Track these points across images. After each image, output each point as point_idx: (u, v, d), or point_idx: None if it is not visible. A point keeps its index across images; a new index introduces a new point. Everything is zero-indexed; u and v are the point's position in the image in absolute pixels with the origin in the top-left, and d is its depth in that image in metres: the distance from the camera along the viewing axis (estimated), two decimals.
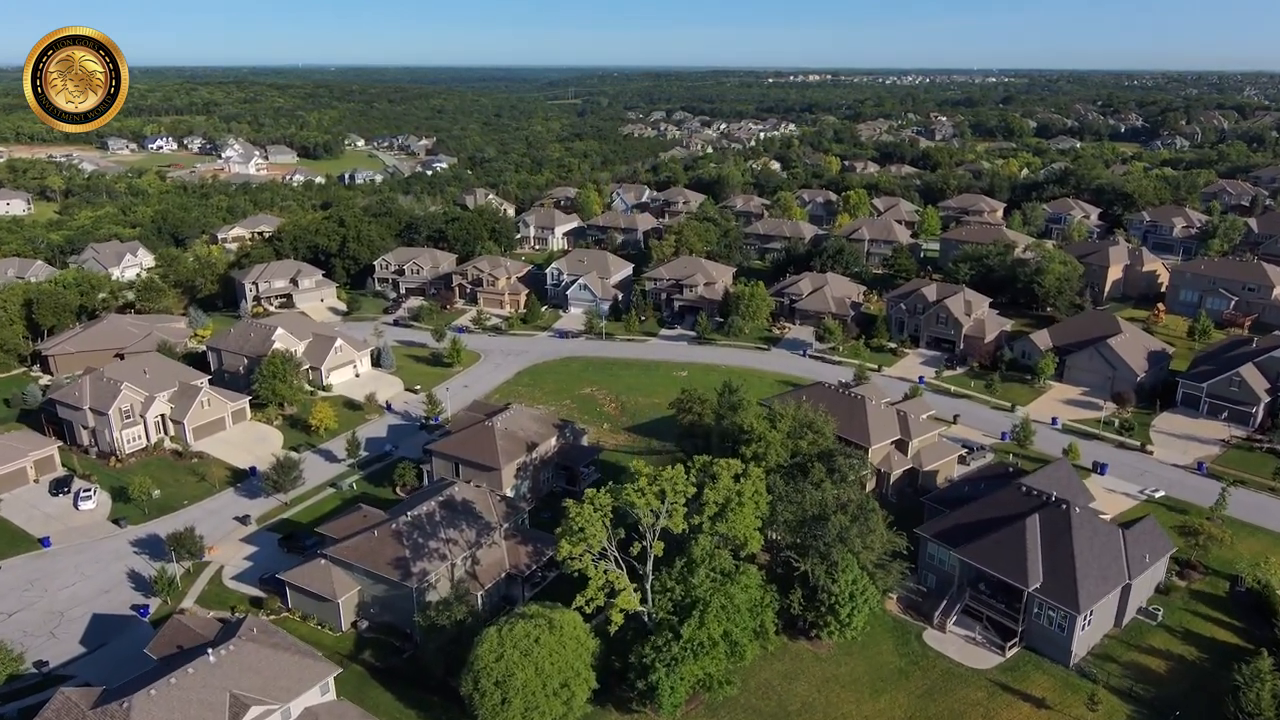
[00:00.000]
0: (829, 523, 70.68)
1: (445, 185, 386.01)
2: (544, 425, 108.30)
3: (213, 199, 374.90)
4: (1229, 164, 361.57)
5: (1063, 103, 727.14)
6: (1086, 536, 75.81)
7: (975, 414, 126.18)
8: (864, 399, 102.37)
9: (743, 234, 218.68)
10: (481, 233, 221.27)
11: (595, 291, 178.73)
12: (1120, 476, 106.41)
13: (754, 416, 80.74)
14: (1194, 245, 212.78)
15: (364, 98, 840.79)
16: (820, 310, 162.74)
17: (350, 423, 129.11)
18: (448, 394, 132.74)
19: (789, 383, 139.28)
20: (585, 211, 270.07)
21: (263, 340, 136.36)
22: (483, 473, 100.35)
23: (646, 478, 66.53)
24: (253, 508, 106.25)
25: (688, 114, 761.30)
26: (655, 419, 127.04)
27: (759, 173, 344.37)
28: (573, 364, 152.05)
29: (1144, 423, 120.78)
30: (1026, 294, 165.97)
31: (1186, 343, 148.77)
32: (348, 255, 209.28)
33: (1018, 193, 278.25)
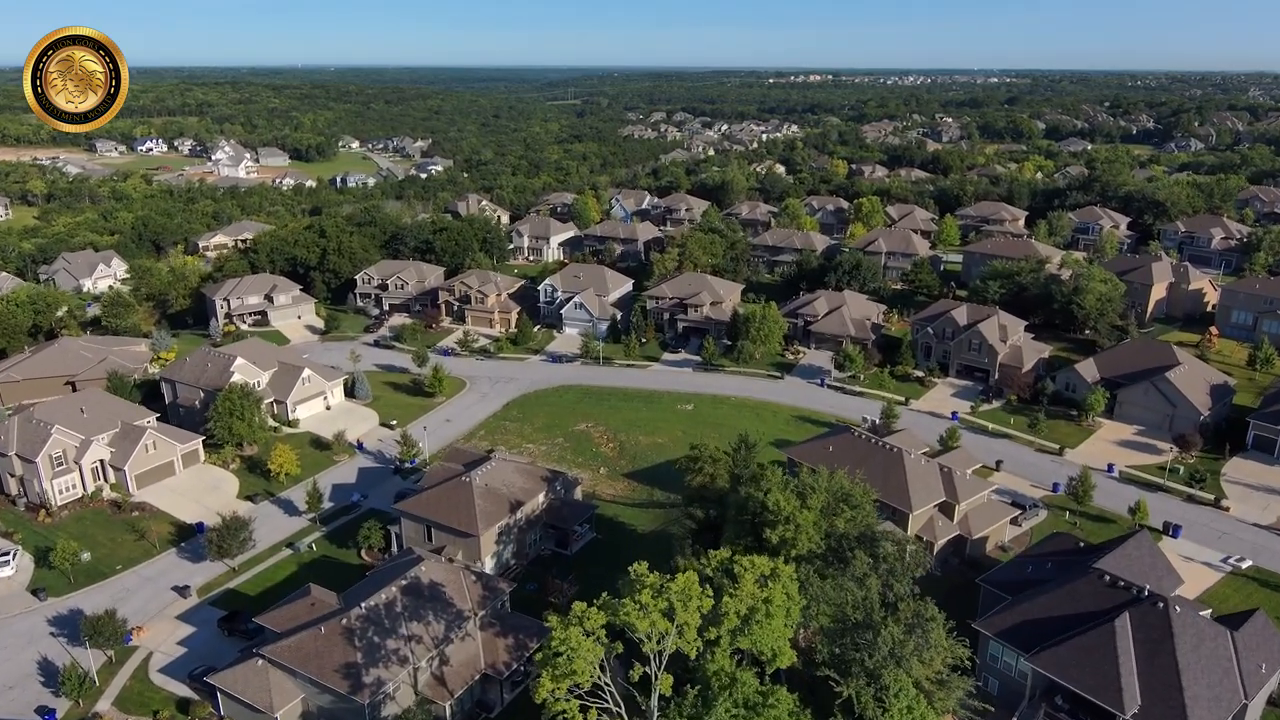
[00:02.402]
0: (878, 636, 56.54)
1: (439, 190, 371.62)
2: (530, 479, 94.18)
3: (198, 204, 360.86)
4: (1253, 168, 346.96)
5: (1070, 104, 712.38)
6: (1191, 643, 61.79)
7: (1019, 458, 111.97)
8: (901, 453, 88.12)
9: (750, 245, 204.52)
10: (472, 244, 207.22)
11: (592, 310, 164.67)
12: (1197, 540, 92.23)
13: (779, 491, 66.60)
14: (1234, 258, 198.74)
15: (361, 99, 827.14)
16: (838, 333, 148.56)
17: (316, 465, 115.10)
18: (425, 433, 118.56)
19: (806, 418, 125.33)
20: (583, 219, 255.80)
21: (220, 371, 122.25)
22: (459, 539, 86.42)
23: (650, 590, 52.32)
24: (196, 574, 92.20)
25: (689, 115, 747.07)
26: (658, 463, 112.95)
27: (764, 177, 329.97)
28: (566, 394, 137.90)
29: (1213, 470, 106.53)
30: (1063, 315, 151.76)
31: (1245, 372, 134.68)
32: (328, 268, 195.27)
33: (1038, 200, 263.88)
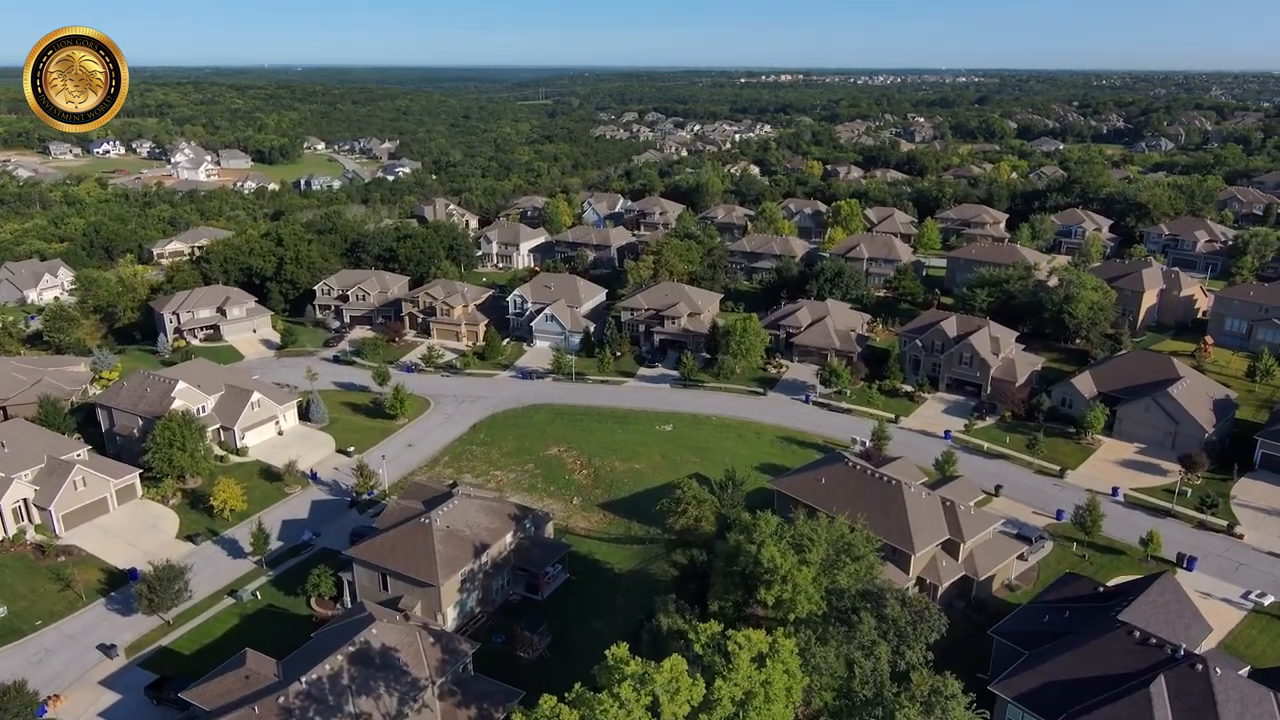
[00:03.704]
0: (892, 717, 49.37)
1: (406, 193, 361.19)
2: (497, 517, 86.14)
3: (155, 208, 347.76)
4: (1227, 168, 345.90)
5: (1040, 103, 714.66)
6: (1235, 711, 55.33)
7: (1018, 481, 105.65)
8: (900, 486, 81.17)
9: (727, 251, 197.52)
10: (437, 251, 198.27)
11: (564, 323, 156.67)
12: (1213, 572, 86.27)
13: (773, 544, 59.21)
14: (1219, 262, 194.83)
15: (327, 99, 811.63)
16: (822, 346, 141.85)
17: (265, 499, 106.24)
18: (384, 462, 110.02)
19: (792, 439, 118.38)
20: (554, 224, 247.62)
21: (161, 397, 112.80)
22: (417, 588, 78.32)
23: (632, 681, 44.69)
24: (125, 629, 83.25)
25: (660, 115, 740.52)
26: (636, 492, 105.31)
27: (739, 179, 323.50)
28: (537, 414, 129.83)
29: (1221, 492, 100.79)
30: (1053, 324, 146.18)
31: (1243, 384, 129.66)
32: (285, 279, 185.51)
33: (1018, 202, 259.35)
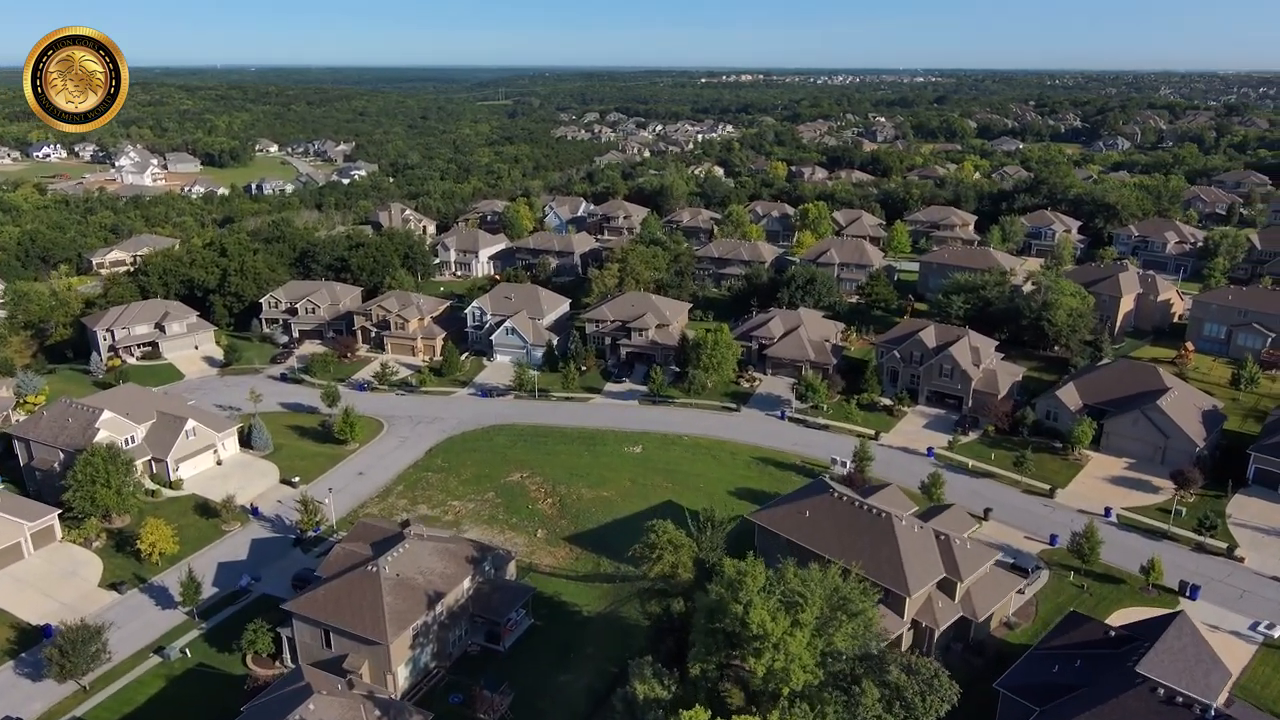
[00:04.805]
0: None
1: (361, 196, 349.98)
2: (453, 561, 78.61)
3: (96, 215, 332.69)
4: (1186, 167, 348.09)
5: (998, 103, 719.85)
6: None
7: (1007, 502, 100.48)
8: (891, 520, 75.10)
9: (695, 257, 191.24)
10: (392, 260, 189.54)
11: (525, 336, 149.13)
12: (1217, 601, 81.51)
13: (761, 604, 52.56)
14: (1190, 263, 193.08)
15: (281, 100, 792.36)
16: (796, 358, 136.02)
17: (201, 538, 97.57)
18: (331, 494, 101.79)
19: (769, 460, 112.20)
20: (515, 229, 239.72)
21: (84, 428, 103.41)
22: (364, 646, 70.65)
23: None
24: (36, 696, 74.44)
25: (622, 115, 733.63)
26: (605, 523, 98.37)
27: (704, 181, 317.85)
28: (498, 436, 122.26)
29: (1216, 510, 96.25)
30: (1031, 331, 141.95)
31: (1226, 391, 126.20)
32: (229, 291, 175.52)
33: (985, 203, 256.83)
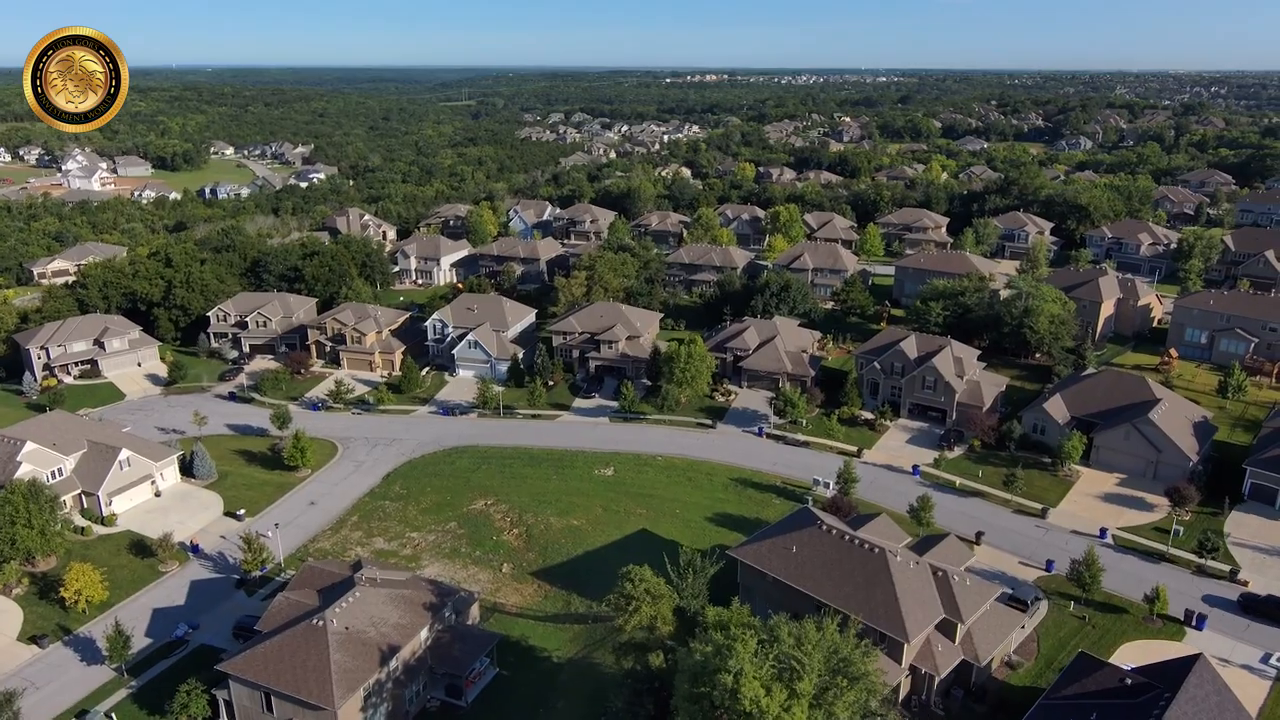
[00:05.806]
0: None
1: (320, 200, 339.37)
2: (408, 609, 71.69)
3: (40, 221, 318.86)
4: (1150, 166, 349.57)
5: (961, 103, 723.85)
6: None
7: (998, 524, 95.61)
8: (884, 555, 69.51)
9: (665, 264, 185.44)
10: (349, 270, 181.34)
11: (489, 350, 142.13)
12: (1224, 630, 77.10)
13: (754, 674, 46.72)
14: (1164, 265, 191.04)
15: (238, 101, 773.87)
16: (773, 370, 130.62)
17: (135, 581, 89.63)
18: (277, 530, 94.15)
19: (748, 482, 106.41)
20: (478, 235, 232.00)
21: (3, 462, 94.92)
22: (309, 711, 63.63)
23: None
24: None
25: (587, 116, 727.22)
26: (575, 556, 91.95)
27: (671, 183, 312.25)
28: (460, 459, 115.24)
29: (1213, 528, 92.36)
30: (1012, 339, 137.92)
31: (1213, 400, 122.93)
32: (175, 304, 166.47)
33: (956, 204, 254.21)
